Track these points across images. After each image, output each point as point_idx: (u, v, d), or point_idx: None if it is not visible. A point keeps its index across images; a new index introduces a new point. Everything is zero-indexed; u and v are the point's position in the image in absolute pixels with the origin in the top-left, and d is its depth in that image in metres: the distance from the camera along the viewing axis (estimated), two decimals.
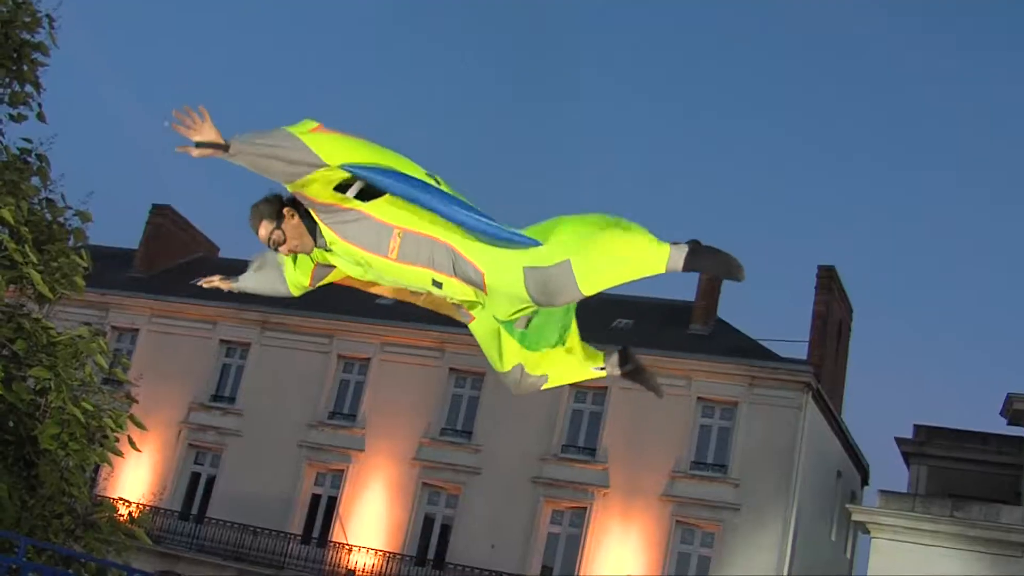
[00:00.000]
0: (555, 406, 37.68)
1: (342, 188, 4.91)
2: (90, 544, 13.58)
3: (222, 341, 42.58)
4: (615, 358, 5.50)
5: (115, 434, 13.27)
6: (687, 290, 41.24)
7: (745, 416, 36.34)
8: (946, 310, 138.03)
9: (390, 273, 5.02)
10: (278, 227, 5.13)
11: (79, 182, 15.61)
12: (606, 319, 40.41)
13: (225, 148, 4.84)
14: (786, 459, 35.61)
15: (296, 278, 5.43)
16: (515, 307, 5.00)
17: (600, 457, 36.86)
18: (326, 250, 5.19)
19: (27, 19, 14.18)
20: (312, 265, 5.35)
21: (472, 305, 5.16)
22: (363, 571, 37.45)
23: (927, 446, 35.70)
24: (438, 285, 4.94)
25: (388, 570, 37.35)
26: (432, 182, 4.94)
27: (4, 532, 11.93)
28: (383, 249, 4.89)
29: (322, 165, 4.85)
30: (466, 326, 5.40)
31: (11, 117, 14.49)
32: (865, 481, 45.35)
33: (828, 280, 39.91)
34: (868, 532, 33.23)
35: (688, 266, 4.64)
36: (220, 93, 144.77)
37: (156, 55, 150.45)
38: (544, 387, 5.57)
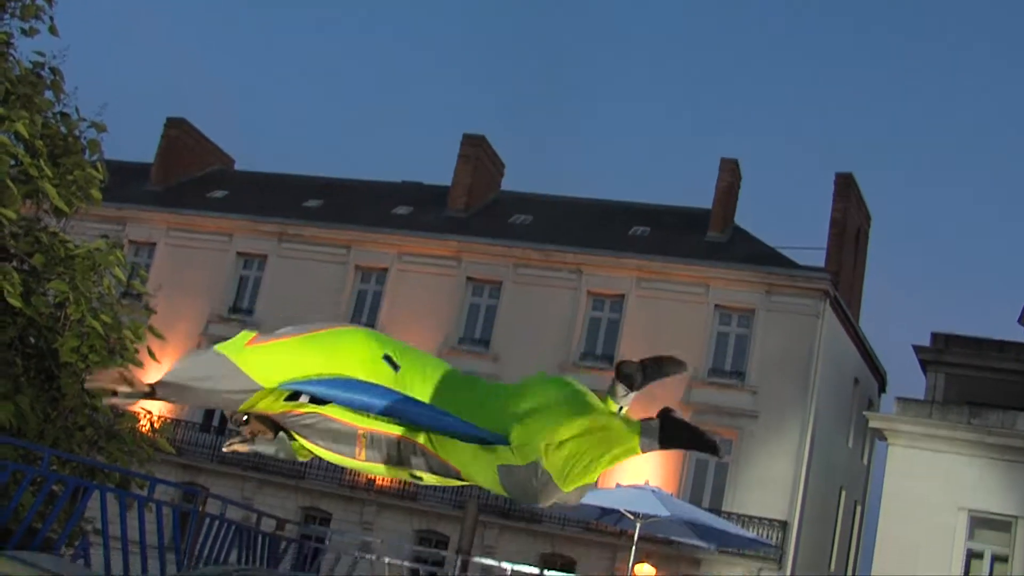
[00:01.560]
0: (573, 315, 37.73)
1: (293, 396, 4.72)
2: (113, 455, 13.69)
3: (239, 253, 42.61)
4: (654, 427, 4.61)
5: (135, 345, 13.34)
6: (704, 197, 41.12)
7: (762, 323, 36.36)
8: (964, 218, 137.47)
9: (362, 468, 4.83)
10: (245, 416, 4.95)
11: (93, 95, 15.54)
12: (623, 227, 40.35)
13: (152, 393, 4.66)
14: (803, 366, 35.67)
15: (298, 444, 5.05)
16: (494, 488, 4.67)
17: None
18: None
19: None
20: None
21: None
22: (382, 480, 37.75)
23: (945, 354, 35.63)
24: (417, 479, 4.81)
25: (412, 483, 37.59)
26: (389, 371, 4.66)
27: (28, 444, 12.04)
28: (350, 452, 4.73)
29: (257, 388, 4.61)
30: (483, 235, 5.27)
31: (23, 31, 14.38)
32: (882, 388, 45.45)
33: (846, 187, 39.71)
34: (885, 439, 33.32)
35: (664, 445, 4.44)
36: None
37: None
38: (567, 490, 4.66)
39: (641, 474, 29.18)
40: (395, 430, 4.62)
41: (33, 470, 11.21)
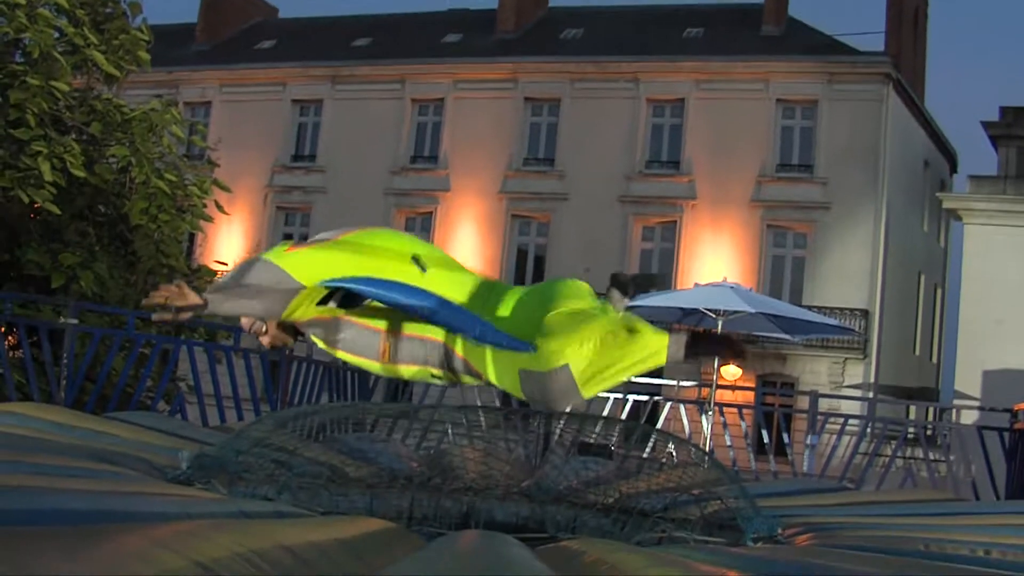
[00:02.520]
0: (635, 122, 37.48)
1: (324, 300, 4.87)
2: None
3: (294, 101, 42.57)
4: (680, 337, 4.55)
5: (202, 200, 13.44)
6: None
7: (826, 113, 35.91)
8: None
9: (385, 372, 4.97)
10: (260, 319, 5.07)
11: None
12: (676, 29, 39.78)
13: (204, 305, 4.73)
14: (871, 153, 35.30)
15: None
16: (514, 390, 4.76)
17: (684, 169, 36.80)
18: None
19: None
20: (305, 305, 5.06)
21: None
22: None
23: (1015, 127, 34.94)
24: (436, 378, 4.90)
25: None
26: (417, 271, 4.76)
27: (112, 309, 12.25)
28: (373, 354, 4.87)
29: (300, 287, 4.73)
30: (536, 54, 5.26)
31: None
32: (954, 168, 44.91)
33: None
34: (960, 219, 33.05)
35: (689, 354, 4.44)
36: None
37: None
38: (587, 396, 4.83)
39: (718, 274, 29.28)
40: (418, 331, 4.75)
41: (120, 333, 11.42)
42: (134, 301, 12.71)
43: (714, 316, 16.50)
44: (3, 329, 11.20)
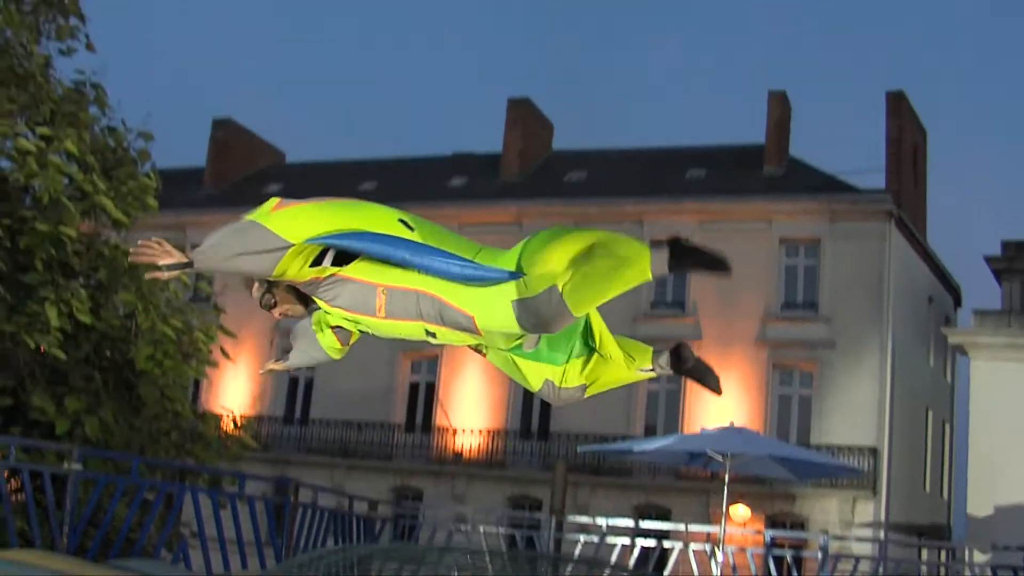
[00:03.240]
0: None
1: (318, 260, 4.92)
2: (200, 456, 13.85)
3: None
4: (665, 358, 5.10)
5: (207, 347, 13.46)
6: (756, 132, 40.79)
7: (829, 252, 36.09)
8: (1021, 122, 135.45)
9: (382, 329, 5.01)
10: (268, 291, 5.16)
11: (137, 106, 15.67)
12: (679, 171, 40.18)
13: (189, 264, 4.86)
14: (875, 290, 35.38)
15: (328, 342, 5.32)
16: (510, 339, 4.93)
17: (690, 310, 36.86)
18: (320, 311, 5.19)
19: None
20: (330, 331, 5.28)
21: (475, 346, 5.12)
22: (470, 451, 38.00)
23: (1017, 261, 35.16)
24: (431, 335, 4.91)
25: (494, 447, 37.86)
26: (405, 230, 4.89)
27: (116, 454, 12.20)
28: (370, 309, 4.90)
29: (288, 246, 4.82)
30: (540, 196, 5.41)
31: (60, 52, 14.51)
32: (958, 303, 44.98)
33: (898, 105, 39.22)
34: (966, 354, 33.03)
35: (674, 268, 4.54)
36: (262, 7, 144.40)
37: None
38: (587, 395, 5.29)
39: (725, 415, 29.18)
40: (412, 283, 4.77)
41: (124, 480, 11.36)
42: (139, 446, 12.68)
43: (721, 459, 16.44)
44: (7, 474, 11.14)
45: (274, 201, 5.00)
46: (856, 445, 34.01)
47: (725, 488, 17.40)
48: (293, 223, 4.85)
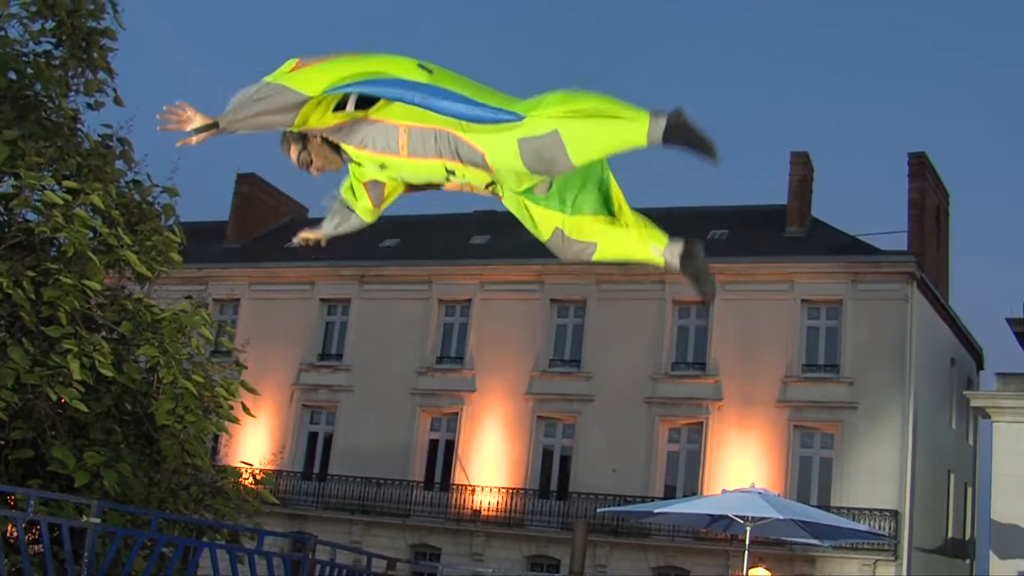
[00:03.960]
0: (661, 324, 37.62)
1: (340, 107, 5.22)
2: (219, 511, 13.83)
3: (322, 300, 43.00)
4: (678, 248, 5.47)
5: (229, 402, 13.47)
6: (779, 194, 40.82)
7: (851, 313, 36.00)
8: None
9: (406, 170, 5.29)
10: (304, 149, 5.46)
11: (163, 159, 15.78)
12: (701, 231, 40.18)
13: (215, 126, 5.15)
14: (898, 352, 35.26)
15: (362, 205, 5.68)
16: (521, 181, 5.18)
17: (711, 370, 36.77)
18: (354, 163, 5.51)
19: (91, 6, 14.28)
20: (363, 189, 5.61)
21: (491, 187, 5.35)
22: (488, 510, 37.84)
23: None
24: (451, 173, 5.20)
25: (512, 506, 37.70)
26: (423, 74, 5.08)
27: (135, 509, 12.19)
28: (393, 148, 5.18)
29: (307, 98, 5.07)
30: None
31: (88, 106, 14.62)
32: (980, 366, 44.80)
33: (920, 167, 39.24)
34: (989, 417, 32.81)
35: (668, 138, 4.74)
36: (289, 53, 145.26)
37: (223, 19, 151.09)
38: (594, 258, 5.55)
39: (745, 477, 29.04)
40: (431, 122, 5.04)
41: (143, 534, 11.34)
42: (158, 500, 12.67)
43: (742, 522, 16.35)
44: (24, 526, 11.14)
45: (293, 62, 5.19)
46: (877, 508, 33.78)
47: (746, 551, 17.29)
48: (311, 77, 5.08)
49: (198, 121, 5.16)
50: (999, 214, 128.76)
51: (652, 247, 5.48)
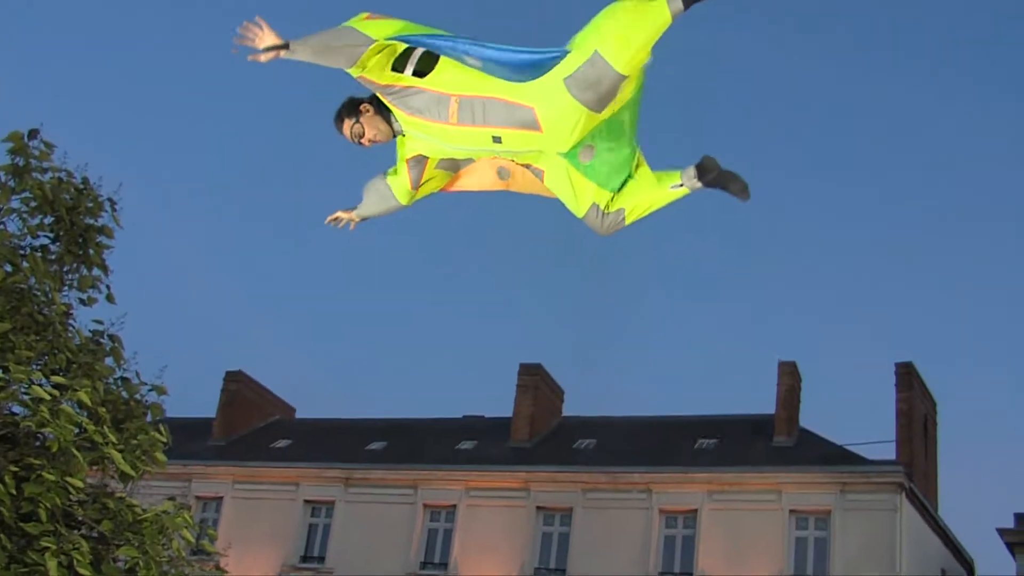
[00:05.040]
0: (647, 533, 37.20)
1: (397, 70, 5.56)
2: None
3: (306, 501, 42.53)
4: (691, 171, 5.70)
5: None
6: (767, 402, 40.87)
7: (840, 524, 35.67)
8: None
9: (454, 139, 5.59)
10: (357, 121, 5.79)
11: (152, 355, 15.83)
12: (689, 440, 40.10)
13: (286, 47, 5.45)
14: (887, 563, 34.83)
15: (399, 184, 6.01)
16: (572, 130, 5.41)
17: None
18: (403, 135, 5.84)
19: (90, 204, 14.50)
20: (405, 167, 5.95)
21: (537, 158, 5.68)
22: None
23: None
24: (497, 140, 5.50)
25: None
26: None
27: None
28: (444, 116, 5.49)
29: (371, 42, 5.46)
30: (549, 463, 5.59)
31: (81, 302, 14.73)
32: None
33: (907, 376, 39.39)
34: None
35: (688, 2, 5.05)
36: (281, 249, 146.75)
37: (223, 216, 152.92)
38: (627, 221, 5.80)
39: None
40: (481, 91, 5.38)
41: None
42: None
43: None
44: None
45: (365, 14, 5.60)
46: None
47: None
48: (378, 26, 5.50)
49: (270, 40, 5.43)
50: (986, 422, 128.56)
51: (671, 186, 5.73)
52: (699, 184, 5.70)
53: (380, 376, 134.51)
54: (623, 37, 5.06)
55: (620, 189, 5.69)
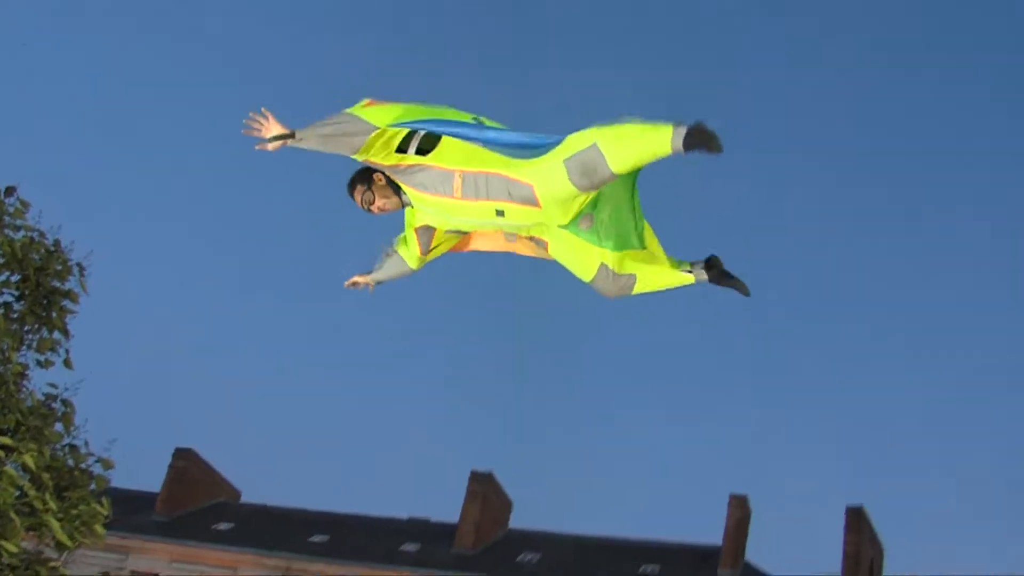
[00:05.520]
0: None
1: (401, 150, 5.74)
2: None
3: None
4: (700, 263, 6.04)
5: None
6: (714, 533, 40.67)
7: None
8: (978, 542, 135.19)
9: (459, 212, 5.81)
10: (368, 189, 6.01)
11: (105, 422, 15.68)
12: (633, 564, 39.82)
13: (292, 136, 5.69)
14: None
15: (410, 252, 6.25)
16: (568, 206, 5.69)
17: None
18: (411, 207, 6.05)
19: (59, 267, 14.44)
20: (414, 235, 6.16)
21: (540, 230, 5.92)
22: None
23: None
24: (500, 213, 5.73)
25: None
26: (474, 122, 5.81)
27: None
28: (449, 191, 5.71)
29: (373, 129, 5.68)
30: (490, 573, 5.65)
31: (39, 363, 14.61)
32: None
33: (857, 521, 39.30)
34: None
35: (688, 144, 5.27)
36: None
37: (185, 292, 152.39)
38: (635, 291, 6.07)
39: None
40: (483, 166, 5.63)
41: None
42: None
43: None
44: None
45: (366, 100, 5.84)
46: None
47: None
48: (380, 112, 5.74)
49: (276, 129, 5.70)
50: (931, 568, 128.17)
51: (682, 271, 6.06)
52: (705, 276, 6.06)
53: (329, 467, 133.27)
54: (624, 143, 5.35)
55: (631, 252, 5.96)
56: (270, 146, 5.70)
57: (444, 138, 5.70)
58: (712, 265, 6.03)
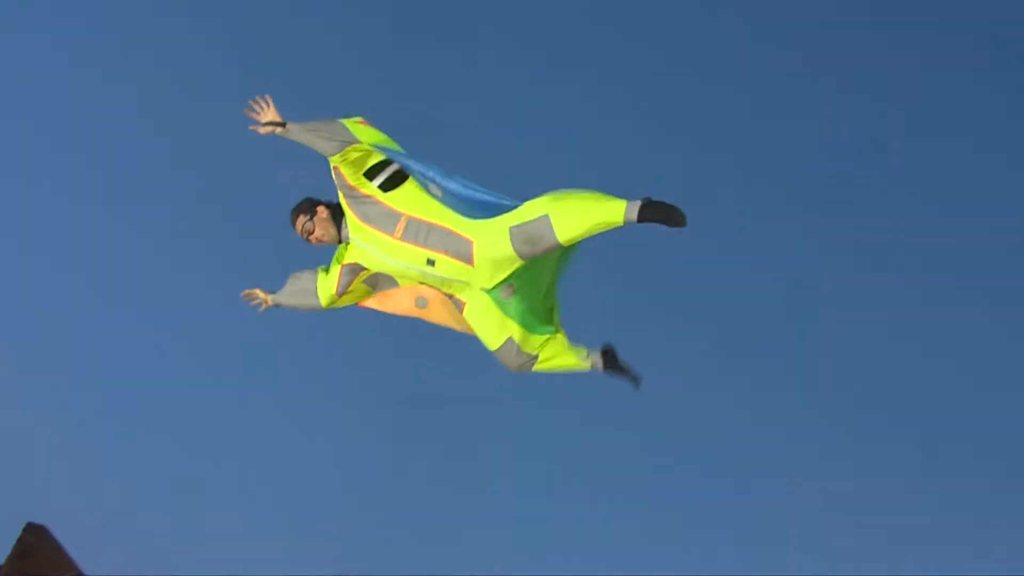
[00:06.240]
0: None
1: (370, 175, 5.92)
2: None
3: None
4: (597, 355, 6.11)
5: None
6: None
7: None
8: None
9: (393, 252, 5.87)
10: (310, 219, 6.05)
11: None
12: None
13: (283, 125, 5.83)
14: None
15: (326, 285, 6.23)
16: (500, 269, 5.78)
17: None
18: (347, 244, 6.10)
19: None
20: (338, 271, 6.16)
21: (461, 289, 5.94)
22: None
23: None
24: (431, 263, 5.81)
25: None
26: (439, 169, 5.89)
27: None
28: (390, 230, 5.84)
29: (357, 141, 5.81)
30: None
31: None
32: None
33: None
34: None
35: (641, 217, 5.38)
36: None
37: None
38: (533, 368, 6.17)
39: None
40: (430, 217, 5.78)
41: None
42: None
43: None
44: None
45: (360, 118, 5.94)
46: None
47: None
48: (366, 131, 5.88)
49: (271, 116, 5.85)
50: None
51: (580, 356, 6.10)
52: (600, 364, 6.12)
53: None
54: (576, 215, 5.48)
55: (537, 334, 6.03)
56: (262, 130, 5.89)
57: (408, 181, 5.89)
58: (607, 353, 6.13)
